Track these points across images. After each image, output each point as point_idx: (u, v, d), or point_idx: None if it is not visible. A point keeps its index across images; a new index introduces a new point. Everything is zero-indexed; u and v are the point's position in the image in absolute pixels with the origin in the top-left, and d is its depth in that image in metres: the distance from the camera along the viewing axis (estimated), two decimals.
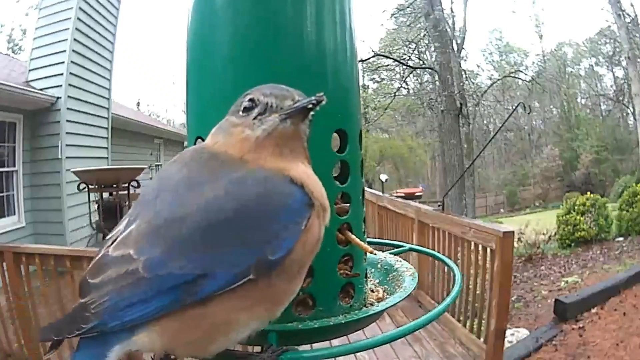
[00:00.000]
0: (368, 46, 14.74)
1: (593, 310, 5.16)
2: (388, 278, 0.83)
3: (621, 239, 8.18)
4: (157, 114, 28.15)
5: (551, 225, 8.93)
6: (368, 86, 17.01)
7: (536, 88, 19.30)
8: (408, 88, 18.52)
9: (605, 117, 23.03)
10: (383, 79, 17.58)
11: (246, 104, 0.56)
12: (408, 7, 15.23)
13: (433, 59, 14.93)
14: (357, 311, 0.71)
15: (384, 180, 10.21)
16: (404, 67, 15.86)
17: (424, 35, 14.81)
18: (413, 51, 15.33)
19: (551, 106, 24.71)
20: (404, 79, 17.13)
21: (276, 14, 0.67)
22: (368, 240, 0.78)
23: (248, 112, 0.55)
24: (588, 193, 8.82)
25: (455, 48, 15.09)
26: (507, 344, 4.36)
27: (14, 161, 6.79)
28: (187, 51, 0.75)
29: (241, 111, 0.56)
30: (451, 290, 0.75)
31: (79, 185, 6.04)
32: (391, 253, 0.92)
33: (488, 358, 3.20)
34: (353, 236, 0.71)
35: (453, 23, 15.97)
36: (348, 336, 0.76)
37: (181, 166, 0.56)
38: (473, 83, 17.54)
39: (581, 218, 8.15)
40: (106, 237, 0.57)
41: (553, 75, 22.03)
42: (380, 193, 6.57)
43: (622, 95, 20.96)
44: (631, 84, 15.28)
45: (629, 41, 14.40)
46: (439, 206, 4.46)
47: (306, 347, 0.63)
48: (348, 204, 0.72)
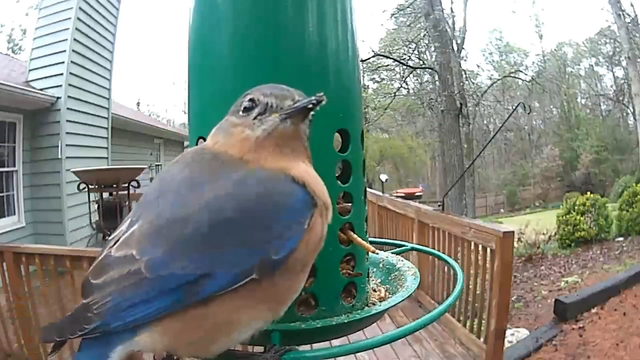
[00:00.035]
0: (368, 46, 14.72)
1: (593, 310, 5.15)
2: (390, 277, 0.83)
3: (621, 239, 8.18)
4: (157, 114, 28.16)
5: (551, 225, 8.92)
6: (368, 86, 16.99)
7: (536, 88, 19.28)
8: (408, 88, 18.50)
9: (605, 117, 23.01)
10: (383, 79, 17.55)
11: (246, 104, 0.56)
12: (408, 7, 15.21)
13: (433, 59, 14.91)
14: (360, 311, 0.71)
15: (384, 180, 10.20)
16: (404, 67, 15.84)
17: (424, 35, 14.79)
18: (413, 51, 15.32)
19: (551, 106, 24.70)
20: (404, 79, 17.12)
21: (276, 14, 0.67)
22: (369, 240, 0.78)
23: (248, 112, 0.55)
24: (588, 193, 8.81)
25: (455, 48, 15.08)
26: (507, 344, 4.35)
27: (14, 161, 6.79)
28: (188, 51, 0.74)
29: (241, 111, 0.56)
30: (452, 290, 0.75)
31: (79, 185, 6.04)
32: (393, 252, 0.91)
33: (488, 358, 3.20)
34: (355, 236, 0.71)
35: (453, 23, 15.96)
36: (348, 336, 0.76)
37: (183, 167, 0.56)
38: (473, 83, 17.53)
39: (581, 218, 8.15)
40: (107, 238, 0.57)
41: (553, 75, 22.00)
42: (380, 193, 6.56)
43: (622, 95, 20.95)
44: (631, 84, 15.27)
45: (629, 41, 14.40)
46: (439, 206, 4.45)
47: (306, 348, 0.63)
48: (350, 204, 0.72)
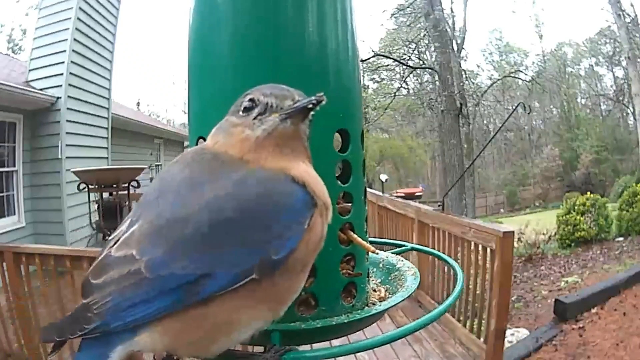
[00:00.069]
0: (368, 46, 14.71)
1: (593, 310, 5.15)
2: (390, 277, 0.83)
3: (621, 239, 8.17)
4: (157, 114, 28.15)
5: (551, 225, 8.92)
6: (368, 86, 16.98)
7: (536, 88, 19.27)
8: (408, 88, 18.49)
9: (605, 117, 23.01)
10: (383, 79, 17.54)
11: (246, 104, 0.56)
12: (408, 7, 15.20)
13: (433, 59, 14.91)
14: (360, 311, 0.71)
15: (384, 180, 10.20)
16: (404, 67, 15.83)
17: (424, 35, 14.78)
18: (413, 51, 15.31)
19: (551, 106, 24.69)
20: (404, 79, 17.11)
21: (276, 14, 0.67)
22: (369, 240, 0.78)
23: (248, 112, 0.55)
24: (588, 193, 8.81)
25: (455, 48, 15.08)
26: (507, 344, 4.35)
27: (14, 161, 6.79)
28: (188, 51, 0.74)
29: (241, 111, 0.56)
30: (452, 290, 0.75)
31: (79, 185, 6.04)
32: (393, 252, 0.91)
33: (488, 358, 3.20)
34: (355, 236, 0.71)
35: (453, 23, 15.95)
36: (348, 336, 0.76)
37: (183, 167, 0.56)
38: (473, 83, 17.52)
39: (581, 218, 8.15)
40: (107, 238, 0.57)
41: (553, 75, 21.99)
42: (380, 193, 6.56)
43: (622, 95, 20.95)
44: (631, 84, 15.27)
45: (629, 41, 14.39)
46: (439, 206, 4.45)
47: (306, 348, 0.63)
48: (350, 204, 0.72)
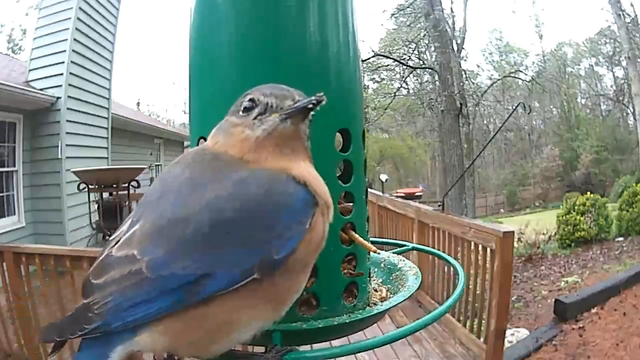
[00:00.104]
0: (368, 46, 14.66)
1: (593, 310, 5.15)
2: (391, 277, 0.83)
3: (621, 239, 8.18)
4: (157, 114, 28.14)
5: (551, 225, 8.92)
6: (368, 86, 16.94)
7: (536, 88, 19.25)
8: (408, 88, 18.48)
9: (605, 117, 23.01)
10: (383, 79, 17.51)
11: (246, 104, 0.56)
12: (408, 7, 15.19)
13: (433, 59, 14.90)
14: (361, 311, 0.71)
15: (384, 180, 10.20)
16: (404, 67, 15.81)
17: (424, 35, 14.77)
18: (413, 51, 15.29)
19: (551, 106, 24.69)
20: (404, 79, 17.09)
21: (277, 14, 0.67)
22: (371, 240, 0.78)
23: (248, 112, 0.55)
24: (588, 193, 8.81)
25: (455, 48, 15.07)
26: (507, 344, 4.35)
27: (14, 161, 6.79)
28: (189, 51, 0.74)
29: (241, 111, 0.56)
30: (453, 290, 0.75)
31: (79, 185, 6.04)
32: (394, 252, 0.91)
33: (488, 358, 3.20)
34: (357, 235, 0.71)
35: (453, 23, 15.94)
36: (349, 337, 0.76)
37: (183, 167, 0.56)
38: (473, 83, 17.50)
39: (581, 218, 8.15)
40: (107, 238, 0.57)
41: (553, 75, 21.98)
42: (380, 193, 6.56)
43: (622, 95, 20.94)
44: (631, 84, 15.27)
45: (629, 41, 14.39)
46: (439, 206, 4.45)
47: (306, 348, 0.63)
48: (351, 204, 0.72)
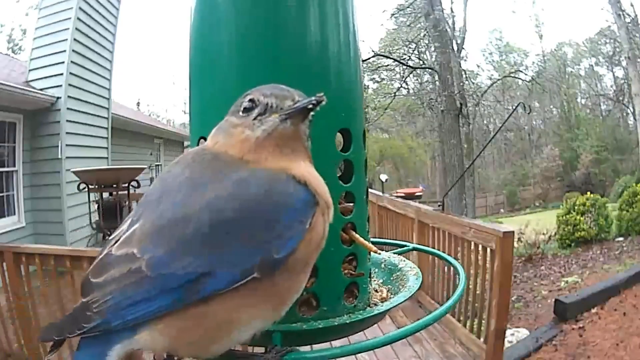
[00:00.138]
0: (368, 46, 14.64)
1: (593, 310, 5.15)
2: (392, 278, 0.83)
3: (621, 239, 8.18)
4: (157, 114, 28.16)
5: (551, 225, 8.93)
6: (368, 86, 16.92)
7: (536, 88, 19.25)
8: (408, 88, 18.47)
9: (605, 117, 23.02)
10: (383, 79, 17.50)
11: (246, 105, 0.56)
12: (408, 7, 15.17)
13: (433, 59, 14.88)
14: (361, 311, 0.71)
15: (384, 180, 10.22)
16: (404, 67, 15.79)
17: (424, 35, 14.76)
18: (413, 51, 15.28)
19: (551, 106, 24.70)
20: (404, 79, 17.07)
21: (277, 14, 0.67)
22: (371, 240, 0.78)
23: (248, 113, 0.55)
24: (588, 193, 8.82)
25: (455, 48, 15.06)
26: (507, 344, 4.35)
27: (14, 161, 6.79)
28: (189, 51, 0.74)
29: (241, 111, 0.56)
30: (453, 290, 0.75)
31: (79, 185, 6.04)
32: (395, 252, 0.91)
33: (488, 358, 3.20)
34: (357, 236, 0.71)
35: (453, 23, 15.93)
36: (349, 337, 0.76)
37: (184, 167, 0.56)
38: (473, 83, 17.49)
39: (581, 218, 8.15)
40: (107, 238, 0.57)
41: (553, 75, 21.97)
42: (380, 193, 6.56)
43: (622, 95, 20.95)
44: (631, 84, 15.26)
45: (629, 41, 14.39)
46: (439, 206, 4.46)
47: (306, 348, 0.63)
48: (352, 204, 0.72)
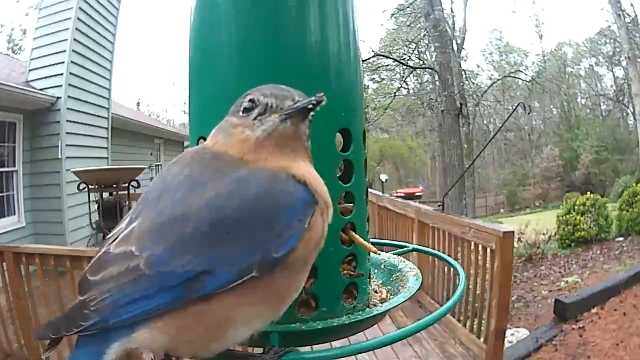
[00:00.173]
0: (368, 46, 14.63)
1: (593, 310, 5.15)
2: (392, 278, 0.83)
3: (621, 239, 8.18)
4: (157, 114, 28.18)
5: (551, 225, 8.93)
6: (368, 86, 16.91)
7: (536, 88, 19.24)
8: (408, 88, 18.47)
9: (605, 117, 23.02)
10: (383, 79, 17.49)
11: (246, 105, 0.56)
12: (408, 7, 15.17)
13: (433, 59, 14.88)
14: (361, 312, 0.71)
15: (384, 180, 10.21)
16: (404, 67, 15.78)
17: (424, 35, 14.75)
18: (413, 51, 15.27)
19: (551, 106, 24.71)
20: (404, 79, 17.06)
21: (277, 14, 0.67)
22: (371, 240, 0.77)
23: (248, 113, 0.55)
24: (588, 193, 8.82)
25: (455, 48, 15.05)
26: (507, 344, 4.35)
27: (14, 161, 6.79)
28: (189, 51, 0.74)
29: (241, 111, 0.56)
30: (453, 290, 0.75)
31: (79, 185, 6.03)
32: (395, 253, 0.91)
33: (488, 358, 3.20)
34: (357, 236, 0.70)
35: (453, 23, 15.93)
36: (349, 337, 0.76)
37: (183, 166, 0.56)
38: (473, 83, 17.48)
39: (581, 218, 8.15)
40: (107, 237, 0.56)
41: (553, 75, 21.98)
42: (380, 193, 6.57)
43: (622, 95, 20.95)
44: (631, 84, 15.26)
45: (629, 41, 14.39)
46: (439, 206, 4.46)
47: (306, 349, 0.63)
48: (351, 204, 0.72)
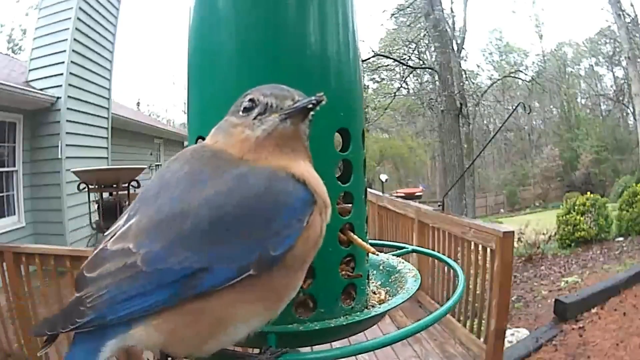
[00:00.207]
0: (368, 46, 14.65)
1: (593, 310, 5.15)
2: (390, 280, 0.83)
3: (621, 239, 8.18)
4: (157, 114, 28.19)
5: (551, 225, 8.92)
6: (368, 86, 16.93)
7: (536, 88, 19.25)
8: (408, 88, 18.48)
9: (605, 117, 23.02)
10: (383, 79, 17.50)
11: (246, 104, 0.56)
12: (408, 7, 15.18)
13: (433, 59, 14.89)
14: (359, 313, 0.71)
15: (384, 180, 10.22)
16: (404, 67, 15.79)
17: (424, 35, 14.76)
18: (413, 51, 15.28)
19: (551, 106, 24.71)
20: (404, 79, 17.07)
21: (277, 14, 0.67)
22: (370, 242, 0.77)
23: (248, 112, 0.55)
24: (588, 193, 8.82)
25: (455, 48, 15.06)
26: (507, 344, 4.35)
27: (14, 161, 6.79)
28: (189, 51, 0.74)
29: (241, 111, 0.56)
30: (453, 291, 0.75)
31: (79, 185, 6.03)
32: (394, 254, 0.91)
33: (488, 358, 3.20)
34: (355, 236, 0.70)
35: (453, 23, 15.94)
36: (349, 338, 0.76)
37: (182, 163, 0.56)
38: (473, 83, 17.49)
39: (581, 218, 8.15)
40: (105, 234, 0.56)
41: (553, 75, 21.98)
42: (380, 193, 6.57)
43: (622, 95, 20.95)
44: (631, 84, 15.27)
45: (629, 41, 14.39)
46: (439, 206, 4.46)
47: (306, 349, 0.63)
48: (350, 204, 0.72)
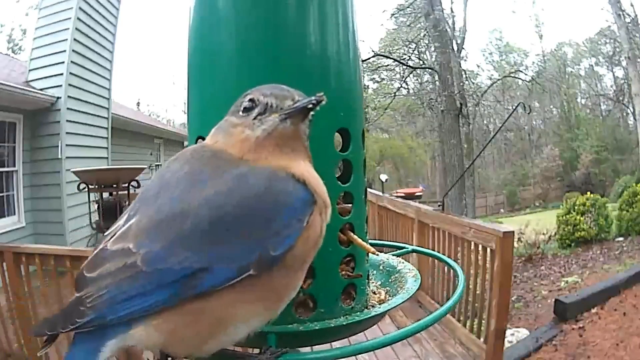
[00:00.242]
0: (368, 46, 14.64)
1: (593, 310, 5.15)
2: (390, 280, 0.83)
3: (621, 239, 8.18)
4: (157, 114, 28.20)
5: (551, 225, 8.92)
6: (368, 86, 16.92)
7: (536, 88, 19.25)
8: (408, 88, 18.48)
9: (605, 117, 23.03)
10: (383, 79, 17.49)
11: (246, 104, 0.56)
12: (408, 7, 15.18)
13: (433, 59, 14.89)
14: (359, 313, 0.71)
15: (384, 180, 10.22)
16: (404, 67, 15.79)
17: (424, 35, 14.76)
18: (413, 51, 15.28)
19: (551, 106, 24.71)
20: (404, 79, 17.07)
21: (277, 14, 0.67)
22: (370, 242, 0.77)
23: (248, 112, 0.55)
24: (588, 193, 8.81)
25: (455, 48, 15.06)
26: (507, 344, 4.35)
27: (14, 161, 6.78)
28: (189, 51, 0.74)
29: (241, 111, 0.56)
30: (453, 291, 0.75)
31: (79, 185, 6.03)
32: (394, 254, 0.91)
33: (488, 358, 3.20)
34: (355, 236, 0.70)
35: (453, 23, 15.94)
36: (349, 338, 0.76)
37: (182, 163, 0.56)
38: (473, 83, 17.49)
39: (581, 218, 8.15)
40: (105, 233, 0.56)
41: (553, 75, 21.99)
42: (380, 193, 6.57)
43: (622, 95, 20.95)
44: (631, 84, 15.27)
45: (629, 41, 14.39)
46: (439, 206, 4.46)
47: (306, 349, 0.63)
48: (350, 204, 0.72)
